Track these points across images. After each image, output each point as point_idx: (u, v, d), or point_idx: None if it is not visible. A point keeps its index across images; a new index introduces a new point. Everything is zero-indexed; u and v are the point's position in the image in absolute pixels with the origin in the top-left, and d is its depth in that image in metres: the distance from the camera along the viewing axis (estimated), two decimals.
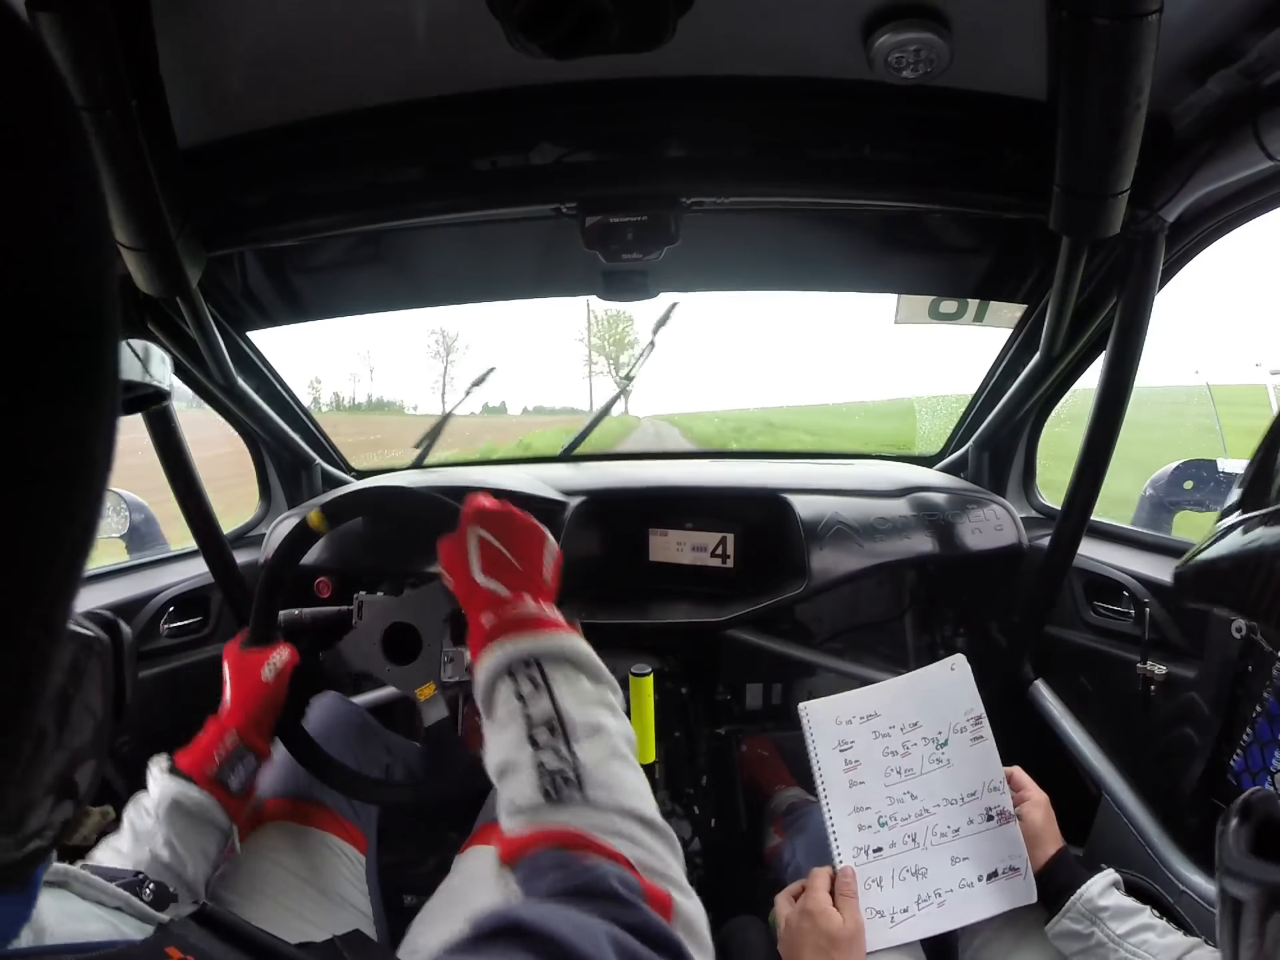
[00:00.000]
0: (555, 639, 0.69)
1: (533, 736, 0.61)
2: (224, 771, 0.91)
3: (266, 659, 0.98)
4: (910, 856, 0.99)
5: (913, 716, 1.05)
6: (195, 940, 0.52)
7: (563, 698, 0.63)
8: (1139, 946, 0.85)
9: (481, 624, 0.71)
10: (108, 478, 0.27)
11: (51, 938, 0.50)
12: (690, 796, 1.71)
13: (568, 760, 0.59)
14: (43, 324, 0.23)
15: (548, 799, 0.57)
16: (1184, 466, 1.64)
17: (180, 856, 0.86)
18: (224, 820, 0.91)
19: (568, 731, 0.61)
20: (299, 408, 1.74)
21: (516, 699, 0.64)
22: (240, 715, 0.95)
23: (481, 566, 0.75)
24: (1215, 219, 1.11)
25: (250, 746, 0.94)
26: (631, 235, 1.10)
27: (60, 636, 0.26)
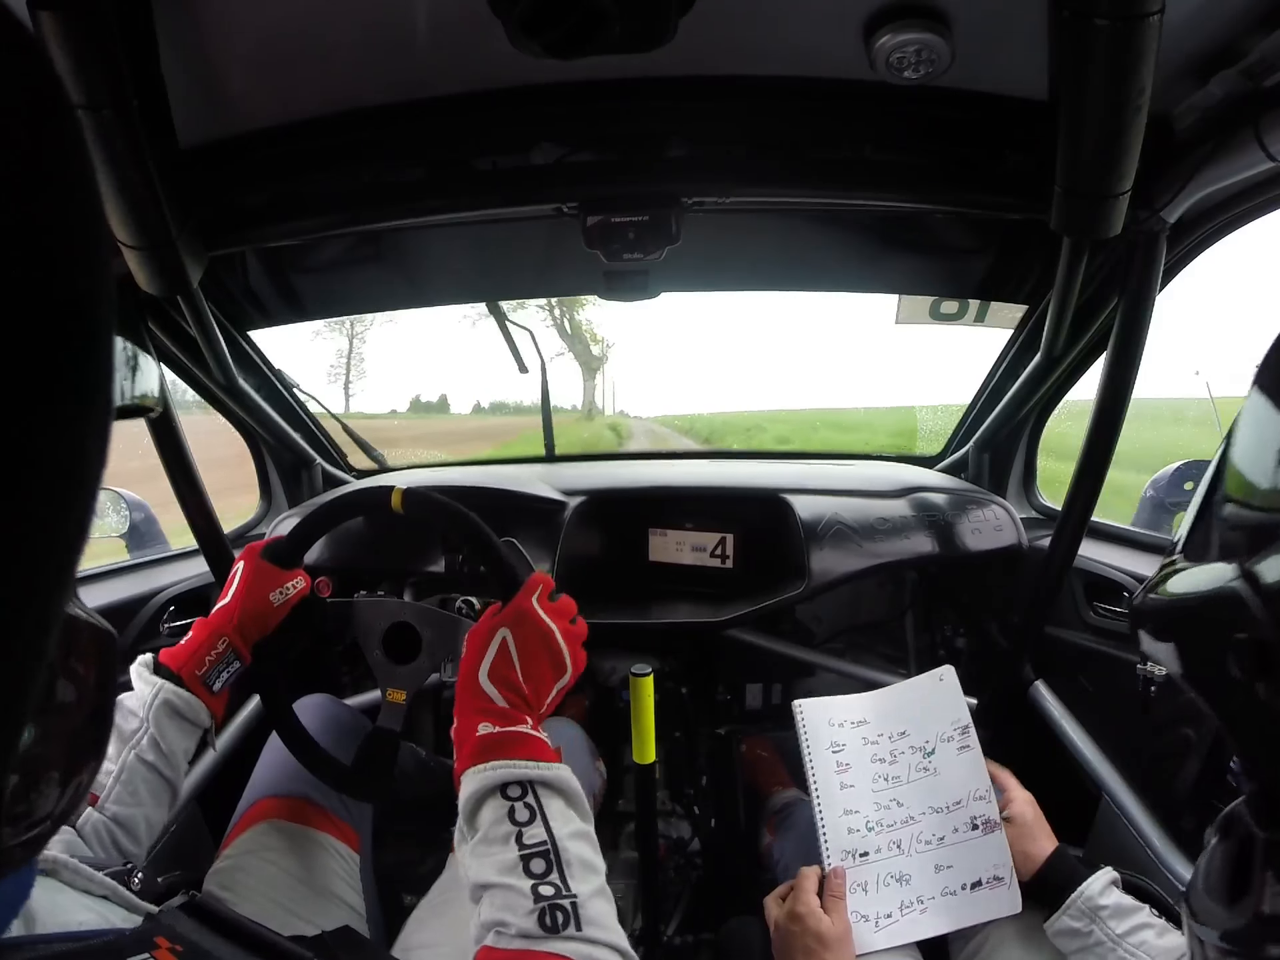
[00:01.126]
0: (552, 769, 0.70)
1: (528, 865, 0.63)
2: (210, 674, 0.93)
3: (282, 583, 1.00)
4: (895, 863, 1.00)
5: (901, 725, 1.06)
6: (184, 930, 0.52)
7: (558, 830, 0.66)
8: (1138, 946, 0.85)
9: (476, 731, 0.72)
10: (101, 476, 0.27)
11: (42, 927, 0.50)
12: (690, 796, 1.71)
13: (565, 894, 0.62)
14: (37, 322, 0.23)
15: (545, 929, 0.59)
16: (1184, 467, 1.64)
17: (164, 755, 0.88)
18: (206, 718, 0.93)
19: (563, 865, 0.64)
20: (299, 407, 1.74)
21: (510, 822, 0.66)
22: (235, 624, 0.96)
23: (490, 669, 0.76)
24: (1216, 220, 1.11)
25: (238, 653, 0.96)
26: (633, 235, 1.10)
27: (54, 632, 0.27)
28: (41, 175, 0.23)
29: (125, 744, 0.87)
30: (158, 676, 0.90)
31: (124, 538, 1.65)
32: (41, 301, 0.23)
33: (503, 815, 0.66)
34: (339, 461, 1.92)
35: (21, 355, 0.22)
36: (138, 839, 0.86)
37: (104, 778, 0.84)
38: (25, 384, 0.23)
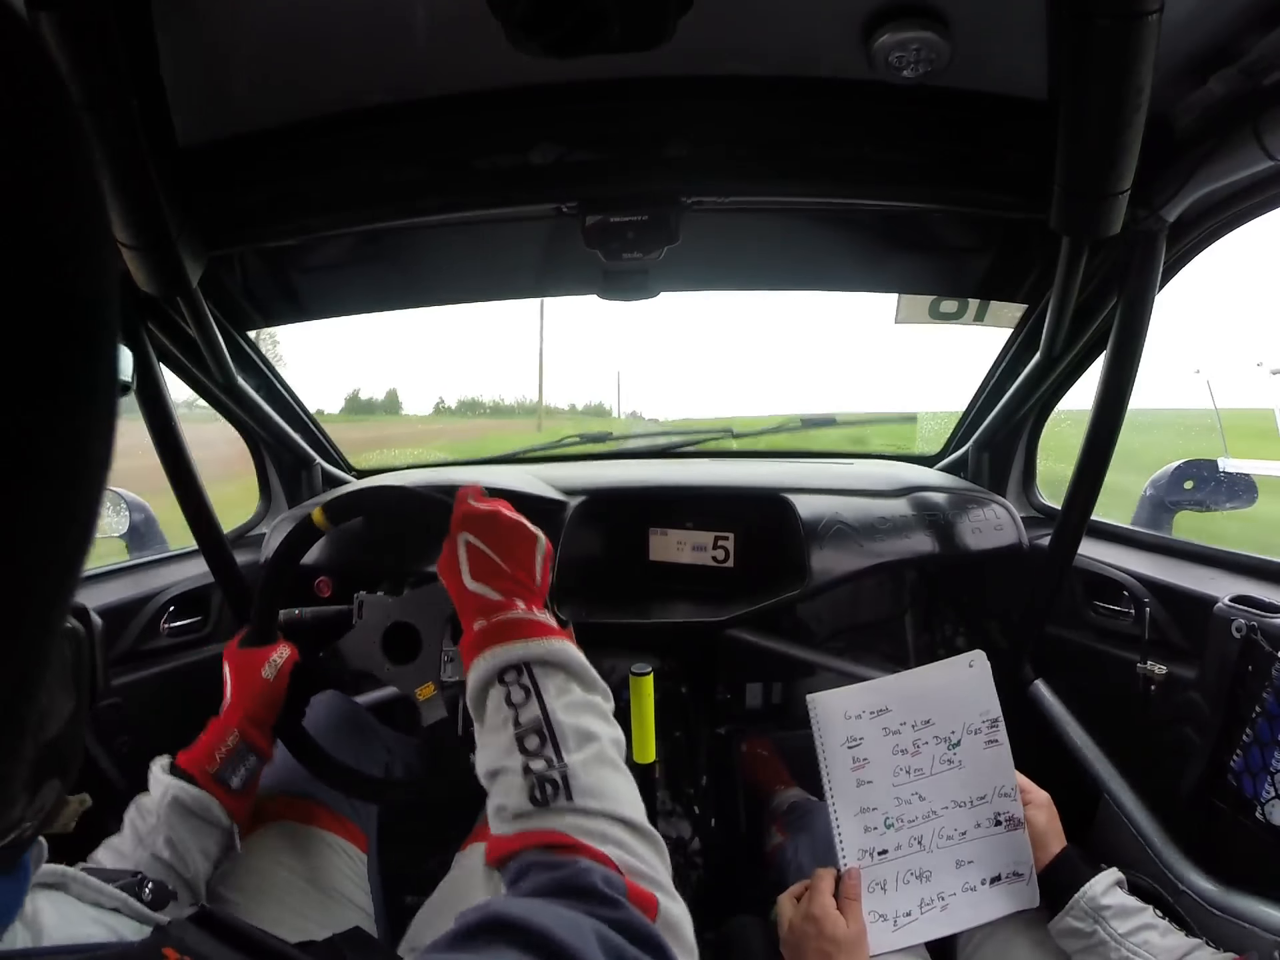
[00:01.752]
0: (546, 645, 0.68)
1: (522, 743, 0.61)
2: (225, 770, 0.91)
3: (267, 658, 0.98)
4: (915, 859, 0.98)
5: (925, 714, 1.02)
6: (193, 942, 0.51)
7: (552, 704, 0.64)
8: (1140, 946, 0.85)
9: (473, 629, 0.71)
10: (106, 477, 0.27)
11: (50, 939, 0.50)
12: (690, 796, 1.71)
13: (556, 767, 0.59)
14: (42, 323, 0.23)
15: (536, 804, 0.57)
16: (1184, 466, 1.64)
17: (180, 855, 0.85)
18: (224, 819, 0.91)
19: (557, 738, 0.61)
20: (299, 407, 1.74)
21: (507, 705, 0.64)
22: (241, 713, 0.94)
23: (470, 571, 0.75)
24: (1216, 219, 1.11)
25: (251, 745, 0.94)
26: (632, 234, 1.10)
27: (57, 635, 0.26)
28: (46, 175, 0.23)
29: (140, 842, 0.85)
30: (169, 776, 0.89)
31: (124, 538, 1.65)
32: (46, 302, 0.23)
33: (501, 701, 0.65)
34: (339, 461, 1.92)
35: (26, 356, 0.22)
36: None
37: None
38: (29, 384, 0.23)
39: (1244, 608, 1.05)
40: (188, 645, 1.44)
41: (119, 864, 0.83)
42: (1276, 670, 0.98)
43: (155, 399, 1.22)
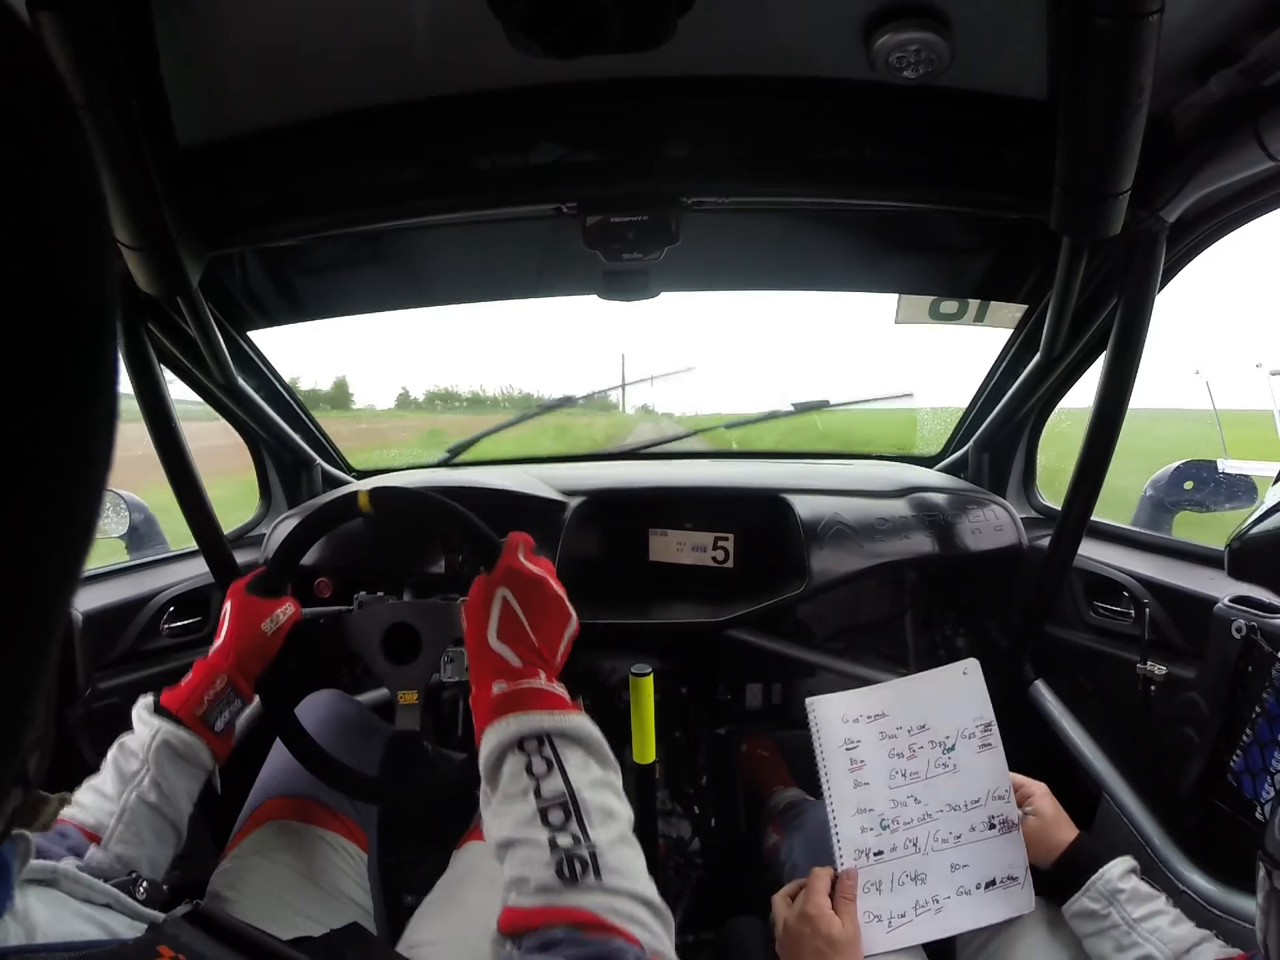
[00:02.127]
0: (569, 719, 0.69)
1: (546, 816, 0.61)
2: (211, 713, 0.92)
3: (271, 612, 0.98)
4: (910, 861, 0.99)
5: (921, 719, 1.03)
6: (187, 940, 0.51)
7: (577, 780, 0.64)
8: (1151, 933, 0.85)
9: (491, 691, 0.71)
10: (107, 477, 0.27)
11: (43, 936, 0.49)
12: (690, 796, 1.71)
13: (584, 844, 0.60)
14: (43, 324, 0.23)
15: (563, 880, 0.57)
16: (1184, 467, 1.64)
17: (167, 797, 0.87)
18: (209, 760, 0.92)
19: (582, 814, 0.62)
20: (299, 407, 1.74)
21: (527, 774, 0.64)
22: (233, 660, 0.95)
23: (498, 630, 0.75)
24: (1216, 219, 1.11)
25: (238, 691, 0.95)
26: (632, 235, 1.10)
27: (57, 634, 0.27)
28: (47, 177, 0.23)
29: (127, 785, 0.85)
30: (157, 718, 0.89)
31: (123, 539, 1.65)
32: (47, 302, 0.23)
33: (520, 769, 0.65)
34: (339, 461, 1.91)
35: (27, 356, 0.22)
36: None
37: (106, 818, 0.83)
38: (31, 385, 0.23)
39: (1244, 608, 1.05)
40: (187, 645, 1.44)
41: (102, 805, 0.84)
42: (1276, 670, 0.98)
43: (155, 399, 1.22)
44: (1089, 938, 0.91)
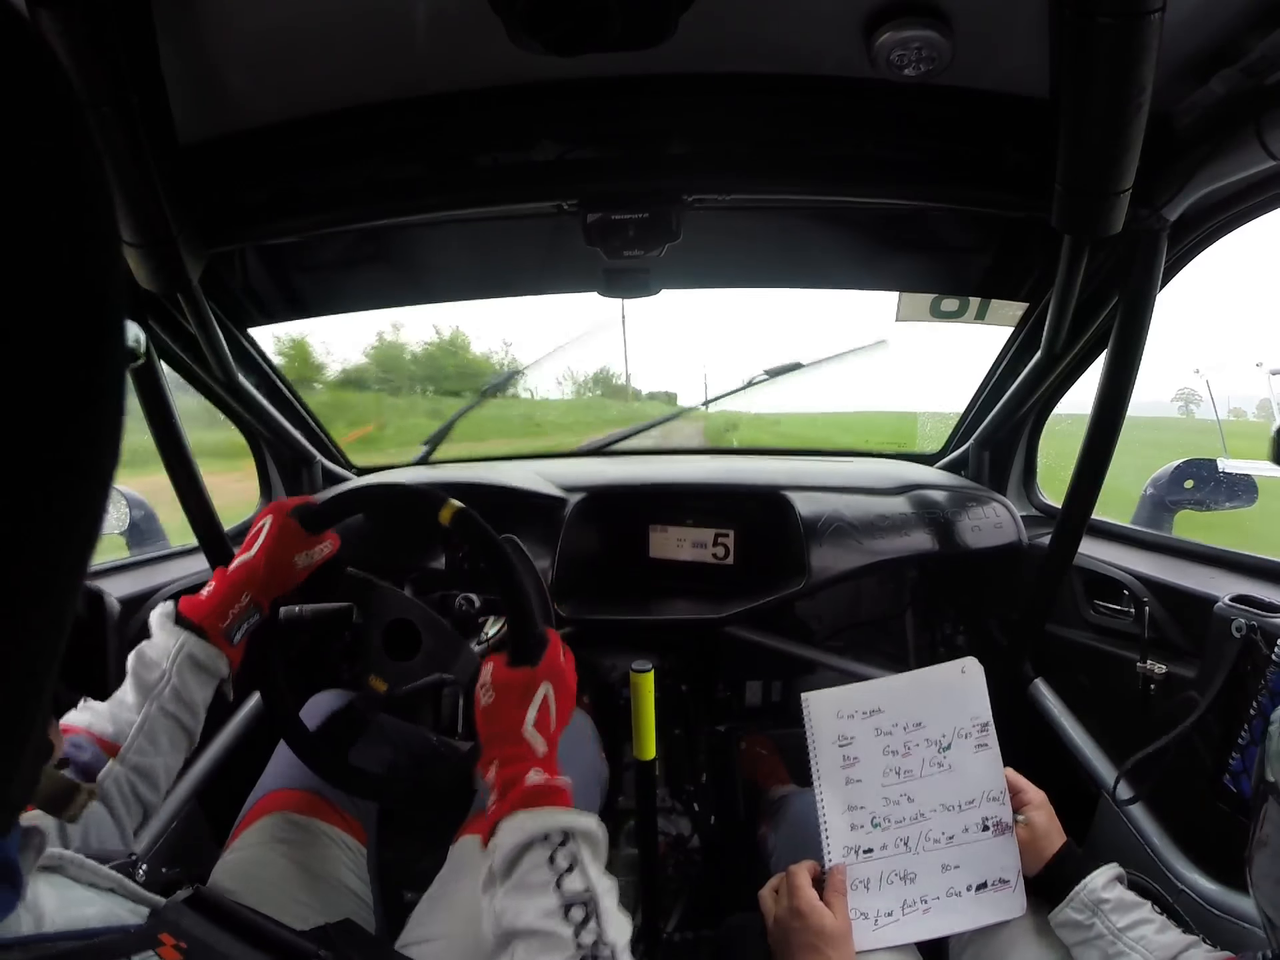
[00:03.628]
0: (585, 821, 0.72)
1: (568, 912, 0.65)
2: (232, 627, 0.94)
3: (310, 547, 1.00)
4: (900, 860, 0.98)
5: (917, 716, 1.02)
6: (188, 925, 0.52)
7: (595, 881, 0.68)
8: (1137, 941, 0.85)
9: (526, 778, 0.74)
10: (114, 472, 0.27)
11: (51, 924, 0.50)
12: (690, 793, 1.71)
13: (605, 944, 0.63)
14: (53, 319, 0.23)
15: None
16: (1184, 466, 1.64)
17: (186, 705, 0.89)
18: (225, 669, 0.94)
19: (603, 917, 0.65)
20: (300, 404, 1.74)
21: (548, 868, 0.67)
22: (259, 581, 0.96)
23: (535, 720, 0.78)
24: (1217, 218, 1.11)
25: (259, 607, 0.97)
26: (633, 232, 1.10)
27: (67, 628, 0.27)
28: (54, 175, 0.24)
29: (148, 694, 0.87)
30: (180, 629, 0.91)
31: (124, 535, 1.65)
32: (56, 297, 0.23)
33: (543, 861, 0.67)
34: (339, 458, 1.91)
35: (37, 353, 0.22)
36: (157, 787, 0.87)
37: (125, 727, 0.85)
38: (41, 382, 0.23)
39: (1244, 607, 1.05)
40: None
41: (122, 714, 0.86)
42: (1271, 671, 0.98)
43: (156, 396, 1.22)
44: (1076, 947, 0.90)
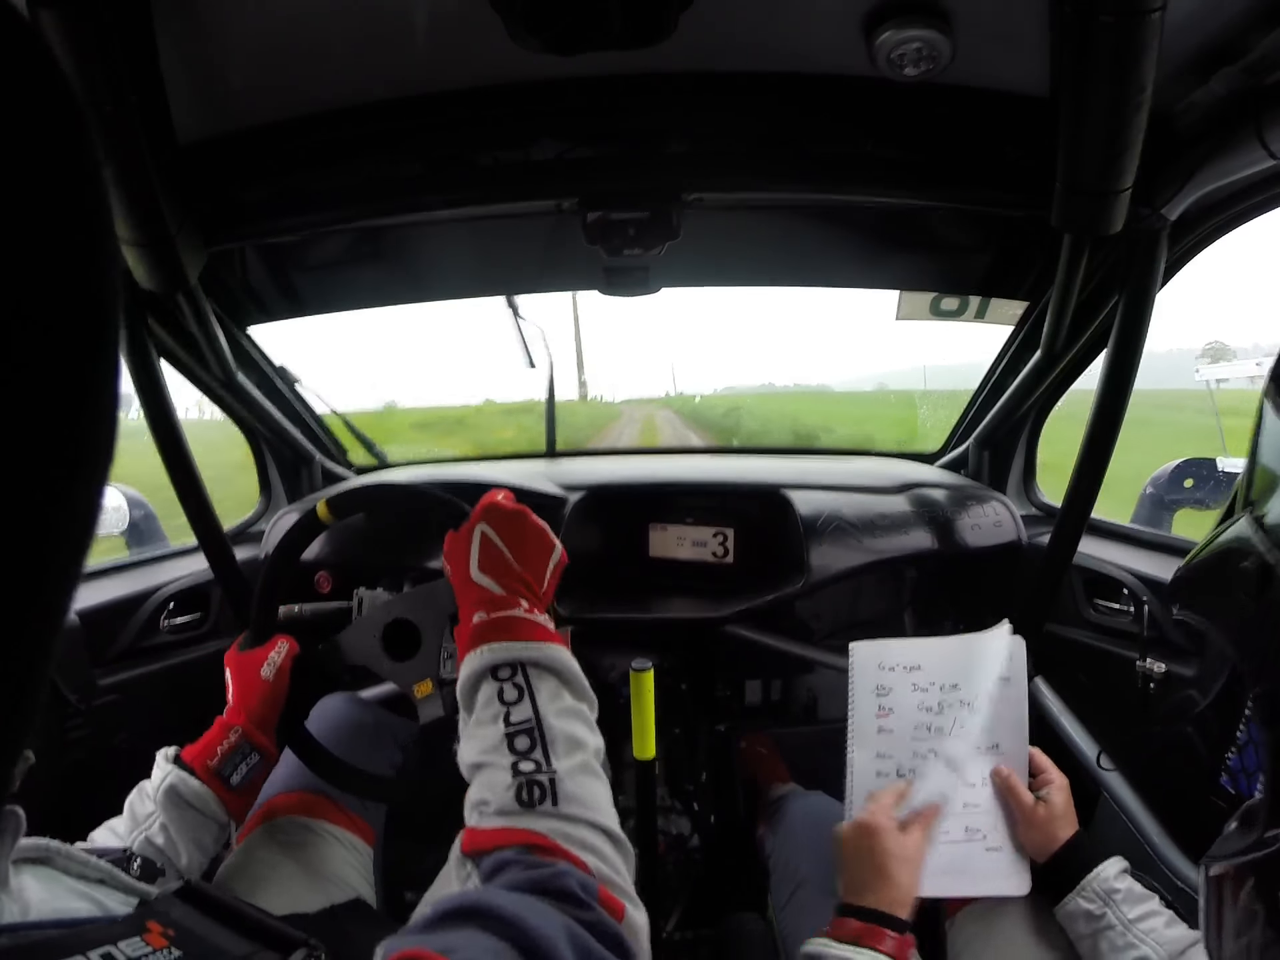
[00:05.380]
0: (544, 649, 0.70)
1: (512, 742, 0.63)
2: (225, 766, 0.92)
3: (265, 658, 0.98)
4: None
5: (954, 678, 1.04)
6: (177, 915, 0.52)
7: (545, 708, 0.65)
8: (1147, 933, 0.85)
9: (471, 620, 0.72)
10: (108, 472, 0.27)
11: (36, 913, 0.50)
12: (689, 793, 1.71)
13: (545, 771, 0.61)
14: (48, 316, 0.23)
15: (521, 804, 0.59)
16: (1184, 465, 1.64)
17: (173, 842, 0.87)
18: (221, 813, 0.92)
19: (547, 742, 0.63)
20: (299, 403, 1.74)
21: (499, 701, 0.65)
22: (243, 714, 0.95)
23: (479, 563, 0.76)
24: (1217, 217, 1.11)
25: (254, 744, 0.94)
26: (633, 231, 1.10)
27: (60, 630, 0.27)
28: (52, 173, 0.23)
29: (137, 826, 0.87)
30: (172, 765, 0.91)
31: (124, 535, 1.65)
32: (52, 296, 0.23)
33: (493, 696, 0.66)
34: (338, 458, 1.91)
35: (33, 351, 0.22)
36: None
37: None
38: (36, 380, 0.23)
39: None
40: (188, 642, 1.44)
41: (110, 842, 0.85)
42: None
43: (155, 395, 1.22)
44: (1083, 939, 0.90)
